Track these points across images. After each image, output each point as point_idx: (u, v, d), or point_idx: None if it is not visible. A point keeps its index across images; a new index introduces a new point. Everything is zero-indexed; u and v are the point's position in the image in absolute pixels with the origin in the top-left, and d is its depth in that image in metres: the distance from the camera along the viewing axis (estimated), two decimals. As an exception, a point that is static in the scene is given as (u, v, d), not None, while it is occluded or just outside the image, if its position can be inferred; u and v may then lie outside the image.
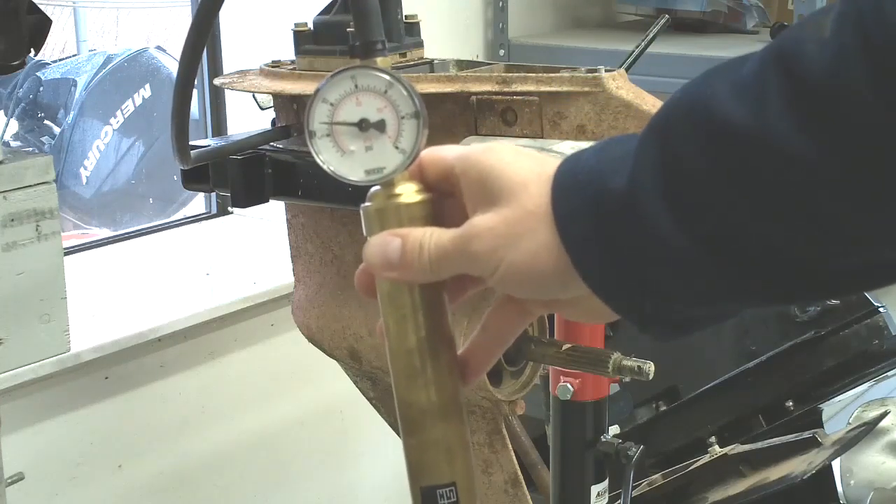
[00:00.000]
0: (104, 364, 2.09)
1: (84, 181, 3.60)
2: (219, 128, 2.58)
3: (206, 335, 2.27)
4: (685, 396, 2.16)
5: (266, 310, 2.35)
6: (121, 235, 2.57)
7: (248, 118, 2.07)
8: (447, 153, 0.67)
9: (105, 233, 3.19)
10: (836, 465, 2.02)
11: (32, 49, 1.43)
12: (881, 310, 2.00)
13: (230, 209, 2.59)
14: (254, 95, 1.48)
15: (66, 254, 1.72)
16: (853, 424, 2.02)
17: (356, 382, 1.65)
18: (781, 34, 0.58)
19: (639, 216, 0.59)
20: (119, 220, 3.65)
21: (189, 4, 2.69)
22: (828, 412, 2.08)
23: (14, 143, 3.54)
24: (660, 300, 0.62)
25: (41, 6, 1.43)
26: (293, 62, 1.45)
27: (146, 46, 3.71)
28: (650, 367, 1.29)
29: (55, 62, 3.75)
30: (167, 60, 3.57)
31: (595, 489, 1.56)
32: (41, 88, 3.58)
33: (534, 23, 2.90)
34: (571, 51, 2.64)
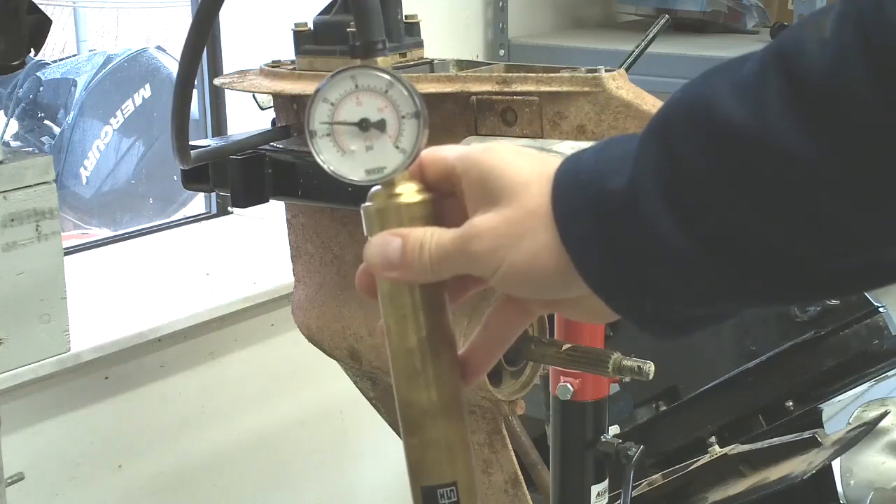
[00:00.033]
0: (104, 364, 2.09)
1: (84, 181, 3.60)
2: (219, 128, 2.58)
3: (206, 335, 2.27)
4: (685, 396, 2.16)
5: (266, 310, 2.35)
6: (121, 235, 2.57)
7: (248, 118, 2.07)
8: (448, 153, 0.67)
9: (105, 233, 3.19)
10: (836, 465, 2.02)
11: (32, 49, 1.43)
12: (881, 310, 2.00)
13: (230, 209, 2.59)
14: (254, 95, 1.48)
15: (66, 254, 1.72)
16: (853, 424, 2.02)
17: (356, 382, 1.65)
18: (781, 34, 0.58)
19: (639, 216, 0.59)
20: (119, 220, 3.65)
21: (189, 4, 2.69)
22: (828, 412, 2.08)
23: (14, 143, 3.54)
24: (660, 300, 0.62)
25: (41, 6, 1.43)
26: (293, 62, 1.45)
27: (146, 46, 3.71)
28: (650, 367, 1.29)
29: (55, 62, 3.75)
30: (167, 60, 3.57)
31: (595, 489, 1.56)
32: (41, 88, 3.57)
33: (534, 23, 2.90)
34: (571, 51, 2.64)
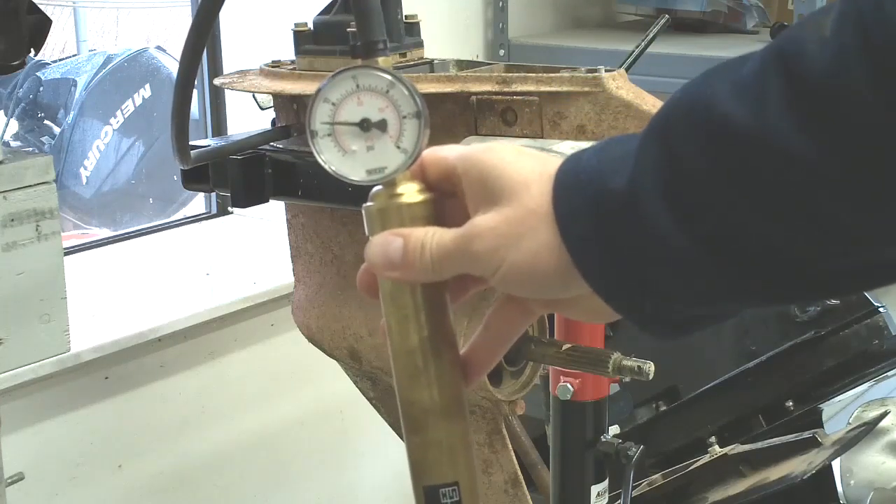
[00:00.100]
0: (104, 364, 2.09)
1: (84, 181, 3.59)
2: (219, 128, 2.58)
3: (206, 335, 2.27)
4: (685, 396, 2.16)
5: (266, 310, 2.35)
6: (121, 235, 2.57)
7: (248, 118, 2.07)
8: (448, 153, 0.67)
9: (105, 233, 3.19)
10: (836, 465, 2.01)
11: (32, 49, 1.43)
12: (881, 310, 2.00)
13: (230, 209, 2.59)
14: (254, 95, 1.48)
15: (66, 254, 1.72)
16: (853, 424, 2.02)
17: (356, 382, 1.65)
18: (782, 34, 0.58)
19: (639, 216, 0.59)
20: (119, 220, 3.65)
21: (189, 4, 2.69)
22: (828, 412, 2.08)
23: (14, 143, 3.54)
24: (660, 300, 0.62)
25: (41, 6, 1.43)
26: (293, 62, 1.45)
27: (146, 46, 3.71)
28: (650, 367, 1.29)
29: (55, 62, 3.75)
30: (167, 60, 3.57)
31: (595, 489, 1.56)
32: (41, 88, 3.57)
33: (534, 23, 2.90)
34: (571, 51, 2.64)
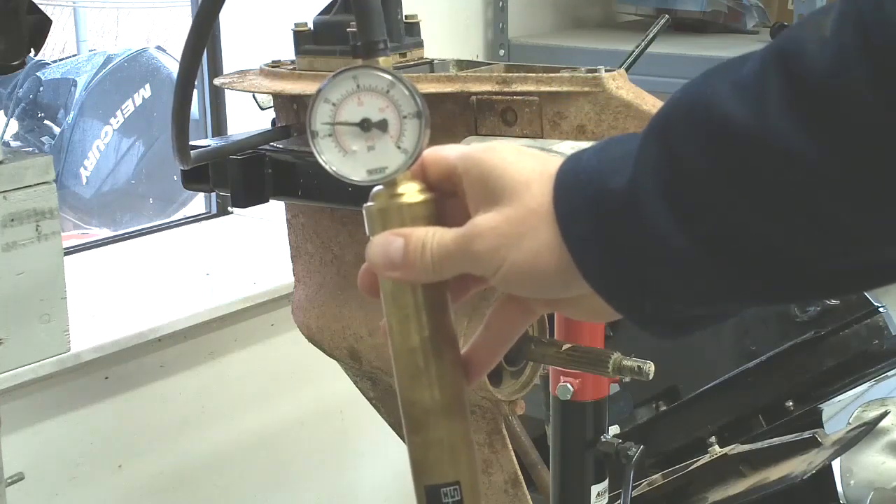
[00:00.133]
0: (104, 364, 2.09)
1: (84, 181, 3.59)
2: (219, 128, 2.58)
3: (206, 335, 2.27)
4: (685, 396, 2.16)
5: (266, 310, 2.35)
6: (121, 235, 2.57)
7: (248, 118, 2.07)
8: (449, 153, 0.67)
9: (105, 233, 3.19)
10: (836, 465, 2.01)
11: (32, 49, 1.43)
12: (881, 310, 2.00)
13: (230, 209, 2.59)
14: (254, 95, 1.48)
15: (66, 254, 1.72)
16: (853, 424, 2.02)
17: (356, 382, 1.65)
18: (782, 34, 0.58)
19: (639, 216, 0.59)
20: (119, 220, 3.65)
21: (189, 4, 2.69)
22: (828, 412, 2.08)
23: (14, 143, 3.54)
24: (660, 300, 0.62)
25: (41, 6, 1.43)
26: (293, 62, 1.45)
27: (146, 46, 3.71)
28: (650, 367, 1.29)
29: (55, 62, 3.75)
30: (167, 60, 3.57)
31: (595, 489, 1.56)
32: (41, 88, 3.57)
33: (534, 23, 2.90)
34: (571, 51, 2.64)
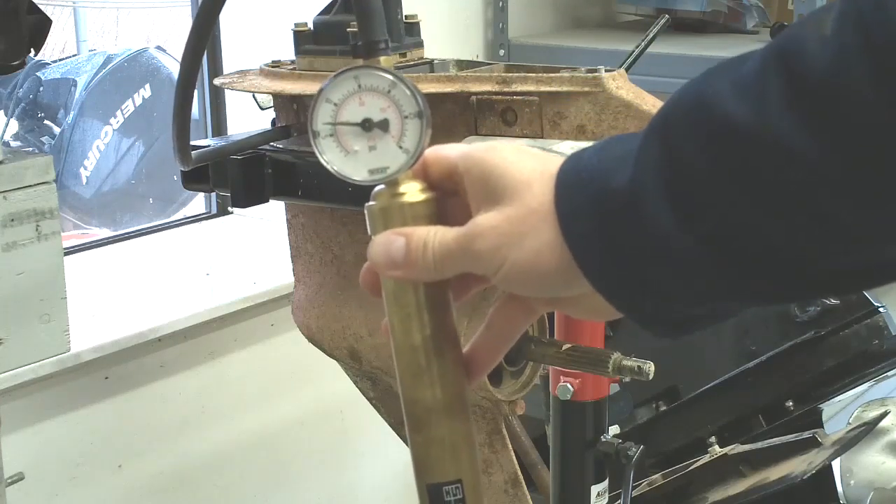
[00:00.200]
0: (104, 364, 2.09)
1: (84, 181, 3.59)
2: (219, 128, 2.58)
3: (206, 335, 2.27)
4: (685, 396, 2.16)
5: (266, 310, 2.35)
6: (121, 235, 2.57)
7: (248, 118, 2.07)
8: (450, 152, 0.67)
9: (105, 233, 3.19)
10: (836, 465, 2.01)
11: (32, 49, 1.43)
12: (881, 310, 2.00)
13: (230, 209, 2.59)
14: (254, 95, 1.48)
15: (66, 254, 1.72)
16: (853, 424, 2.02)
17: (356, 382, 1.65)
18: (782, 33, 0.58)
19: (640, 215, 0.59)
20: (119, 220, 3.65)
21: (189, 4, 2.69)
22: (828, 412, 2.08)
23: (14, 143, 3.54)
24: (660, 299, 0.62)
25: (41, 6, 1.43)
26: (293, 62, 1.45)
27: (146, 46, 3.71)
28: (650, 367, 1.29)
29: (55, 62, 3.74)
30: (167, 60, 3.57)
31: (595, 489, 1.56)
32: (41, 88, 3.57)
33: (534, 23, 2.90)
34: (571, 51, 2.64)
